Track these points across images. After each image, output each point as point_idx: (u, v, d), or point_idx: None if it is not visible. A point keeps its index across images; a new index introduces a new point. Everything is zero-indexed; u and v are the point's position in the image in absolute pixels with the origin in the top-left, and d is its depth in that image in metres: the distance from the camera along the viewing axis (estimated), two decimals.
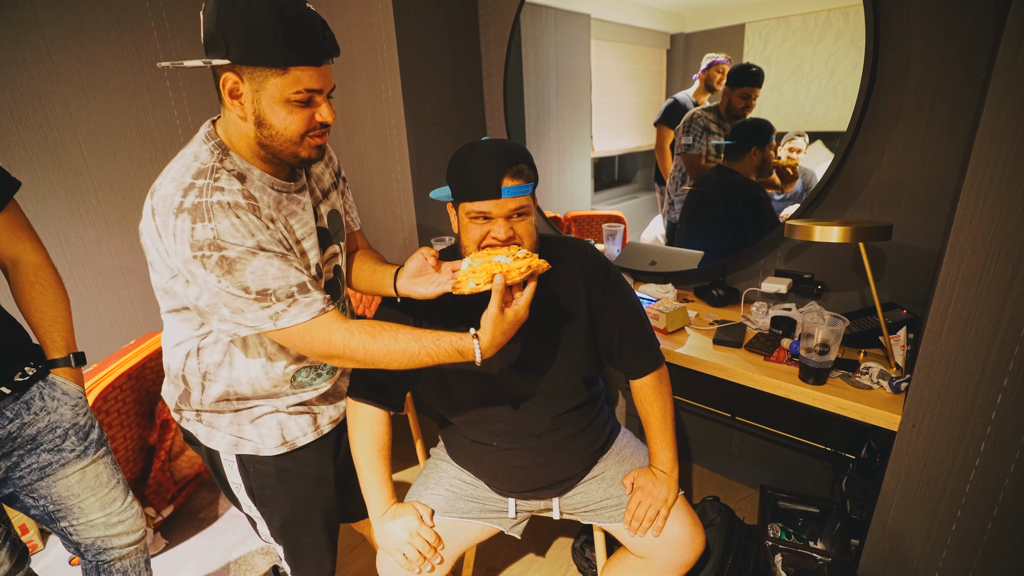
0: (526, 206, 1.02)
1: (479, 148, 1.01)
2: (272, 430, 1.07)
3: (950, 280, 0.98)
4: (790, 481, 1.84)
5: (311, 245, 0.98)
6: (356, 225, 1.20)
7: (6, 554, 1.09)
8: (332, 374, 1.12)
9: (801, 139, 1.54)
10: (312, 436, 1.12)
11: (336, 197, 1.09)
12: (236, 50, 0.77)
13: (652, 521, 1.14)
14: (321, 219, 1.02)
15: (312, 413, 1.12)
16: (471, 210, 1.01)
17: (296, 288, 0.86)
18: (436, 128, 2.10)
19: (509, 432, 1.16)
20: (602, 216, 2.14)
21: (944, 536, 1.12)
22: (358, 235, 1.22)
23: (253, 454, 1.08)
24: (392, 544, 1.12)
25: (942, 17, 1.22)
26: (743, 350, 1.42)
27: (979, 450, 1.02)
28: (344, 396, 1.17)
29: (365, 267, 1.18)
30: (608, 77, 1.97)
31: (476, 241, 1.02)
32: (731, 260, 1.73)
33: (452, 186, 1.05)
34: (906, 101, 1.31)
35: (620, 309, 1.16)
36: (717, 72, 1.67)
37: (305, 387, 1.08)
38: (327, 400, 1.15)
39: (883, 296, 1.48)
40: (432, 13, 1.97)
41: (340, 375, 1.16)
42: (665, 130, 1.84)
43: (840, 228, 1.19)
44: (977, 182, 0.91)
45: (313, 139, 0.88)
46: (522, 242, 1.03)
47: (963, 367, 1.00)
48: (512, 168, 0.98)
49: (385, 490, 1.16)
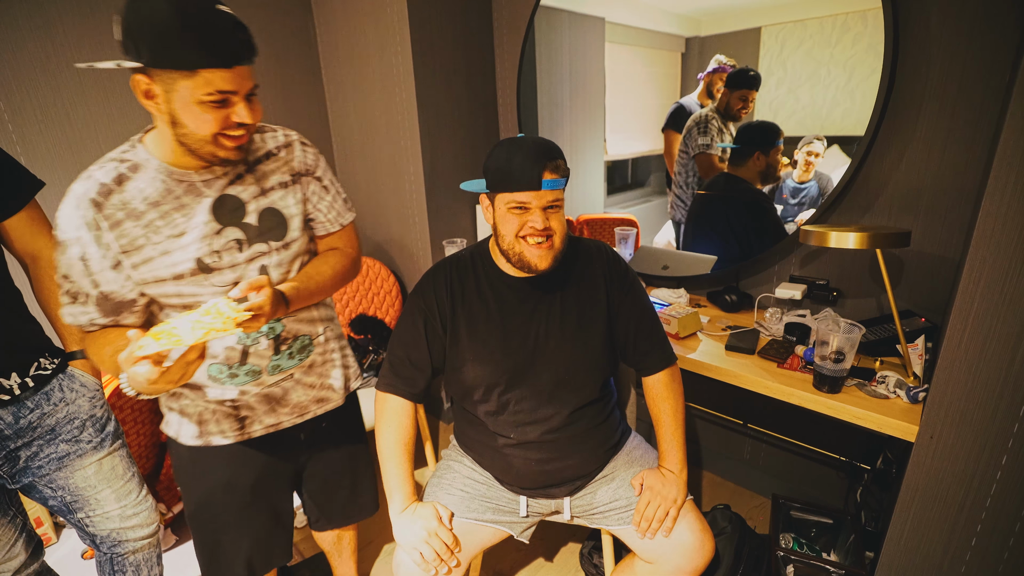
0: (561, 199, 1.09)
1: (520, 142, 1.07)
2: (189, 419, 1.07)
3: (971, 288, 0.95)
4: (803, 491, 1.81)
5: (195, 238, 0.93)
6: (334, 226, 1.14)
7: (22, 546, 1.11)
8: (253, 377, 1.06)
9: (819, 143, 1.52)
10: (232, 438, 1.09)
11: (282, 195, 1.03)
12: (145, 54, 0.78)
13: (661, 521, 1.14)
14: (245, 214, 0.98)
15: (239, 415, 1.08)
16: (511, 200, 1.07)
17: (77, 294, 0.92)
18: (449, 130, 2.10)
19: (527, 424, 1.18)
20: (615, 219, 2.13)
21: (963, 551, 1.09)
22: (335, 237, 1.16)
23: (174, 438, 1.10)
24: (410, 542, 1.12)
25: (963, 21, 1.20)
26: (756, 356, 1.40)
27: (1000, 463, 1.00)
28: (295, 406, 1.13)
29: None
30: (622, 80, 1.96)
31: (515, 231, 1.09)
32: (745, 265, 1.71)
33: (491, 177, 1.10)
34: (925, 106, 1.29)
35: (636, 306, 1.22)
36: (719, 79, 1.69)
37: (222, 383, 1.04)
38: (267, 403, 1.10)
39: (900, 304, 1.45)
40: (446, 16, 1.98)
41: (281, 381, 1.10)
42: (672, 135, 1.85)
43: (857, 234, 1.16)
44: (1000, 189, 0.89)
45: (229, 139, 0.88)
46: (554, 234, 1.09)
47: (984, 378, 0.98)
48: (552, 163, 1.05)
49: (406, 486, 1.17)
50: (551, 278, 1.18)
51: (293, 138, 1.06)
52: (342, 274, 1.13)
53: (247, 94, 0.87)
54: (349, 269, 1.16)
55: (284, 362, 1.08)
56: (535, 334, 1.16)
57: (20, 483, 1.09)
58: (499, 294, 1.17)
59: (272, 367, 1.07)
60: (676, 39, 1.76)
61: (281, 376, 1.09)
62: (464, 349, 1.17)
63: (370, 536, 1.84)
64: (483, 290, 1.18)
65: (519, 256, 1.10)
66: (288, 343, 1.08)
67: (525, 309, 1.17)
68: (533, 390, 1.17)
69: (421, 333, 1.18)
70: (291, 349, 1.09)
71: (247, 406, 1.09)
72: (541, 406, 1.17)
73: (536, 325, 1.16)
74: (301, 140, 1.07)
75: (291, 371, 1.10)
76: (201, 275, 0.95)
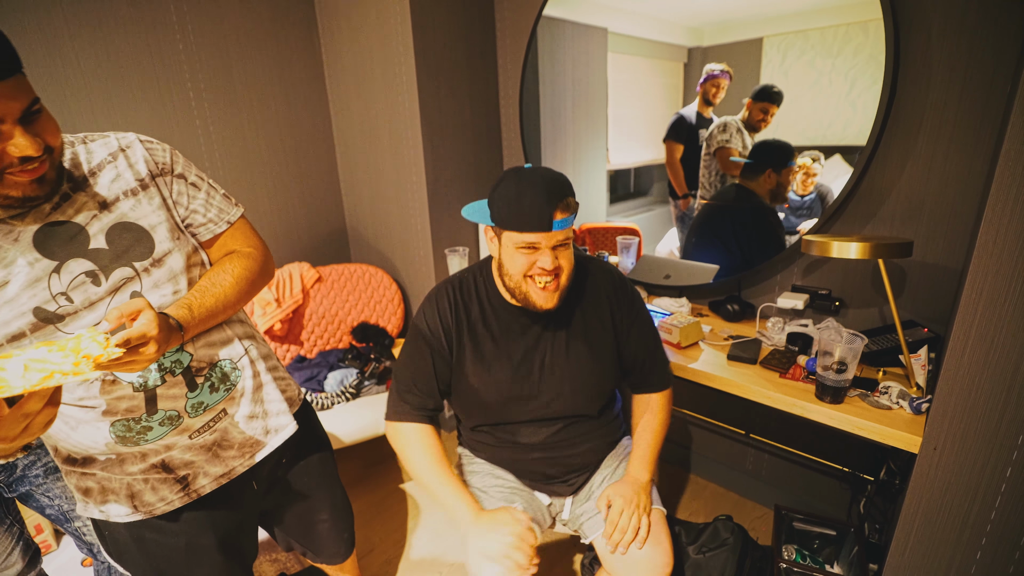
0: (571, 237, 1.07)
1: (528, 179, 1.02)
2: (116, 496, 0.90)
3: (973, 299, 0.95)
4: (806, 502, 1.80)
5: (21, 286, 0.74)
6: (219, 225, 0.97)
7: (19, 554, 1.11)
8: (173, 426, 0.88)
9: (817, 163, 1.53)
10: (179, 502, 0.93)
11: (133, 205, 0.85)
12: None
13: (636, 531, 1.12)
14: (89, 239, 0.80)
15: (176, 476, 0.92)
16: (520, 241, 1.03)
17: None
18: (452, 140, 2.11)
19: (530, 441, 1.20)
20: (617, 228, 2.13)
21: (968, 565, 1.08)
22: (228, 238, 0.98)
23: (101, 520, 0.93)
24: (500, 551, 1.02)
25: (964, 31, 1.20)
26: (758, 366, 1.40)
27: (1005, 476, 0.99)
28: (243, 446, 1.00)
29: None
30: (625, 90, 1.97)
31: (523, 271, 1.06)
32: (747, 275, 1.71)
33: (497, 212, 1.05)
34: (927, 116, 1.29)
35: (644, 334, 1.23)
36: (713, 87, 1.71)
37: (135, 443, 0.86)
38: (206, 452, 0.94)
39: (903, 314, 1.45)
40: (449, 25, 2.00)
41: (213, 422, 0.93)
42: (673, 145, 1.86)
43: (859, 244, 1.16)
44: (1002, 199, 0.88)
45: (16, 175, 0.69)
46: (562, 272, 1.07)
47: (988, 389, 0.97)
48: (562, 202, 1.02)
49: (465, 496, 1.11)
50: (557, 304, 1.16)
51: (130, 139, 0.88)
52: (249, 279, 0.96)
53: (23, 114, 0.67)
54: (256, 272, 0.98)
55: (207, 397, 0.92)
56: (540, 361, 1.16)
57: (17, 492, 1.08)
58: (503, 322, 1.16)
59: (193, 407, 0.90)
60: (679, 49, 1.77)
61: (210, 415, 0.93)
62: (469, 374, 1.16)
63: (372, 543, 1.83)
64: (487, 316, 1.17)
65: (524, 296, 1.09)
66: (204, 373, 0.91)
67: (530, 336, 1.17)
68: (538, 414, 1.19)
69: (428, 361, 1.16)
70: (211, 380, 0.92)
71: (182, 463, 0.92)
72: (545, 426, 1.20)
73: (542, 351, 1.16)
74: (141, 139, 0.89)
75: (220, 406, 0.95)
76: (49, 327, 0.77)
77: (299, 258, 2.38)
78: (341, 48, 2.20)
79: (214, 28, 1.98)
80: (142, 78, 1.85)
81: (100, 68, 1.75)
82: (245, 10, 2.05)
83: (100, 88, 1.77)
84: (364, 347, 2.18)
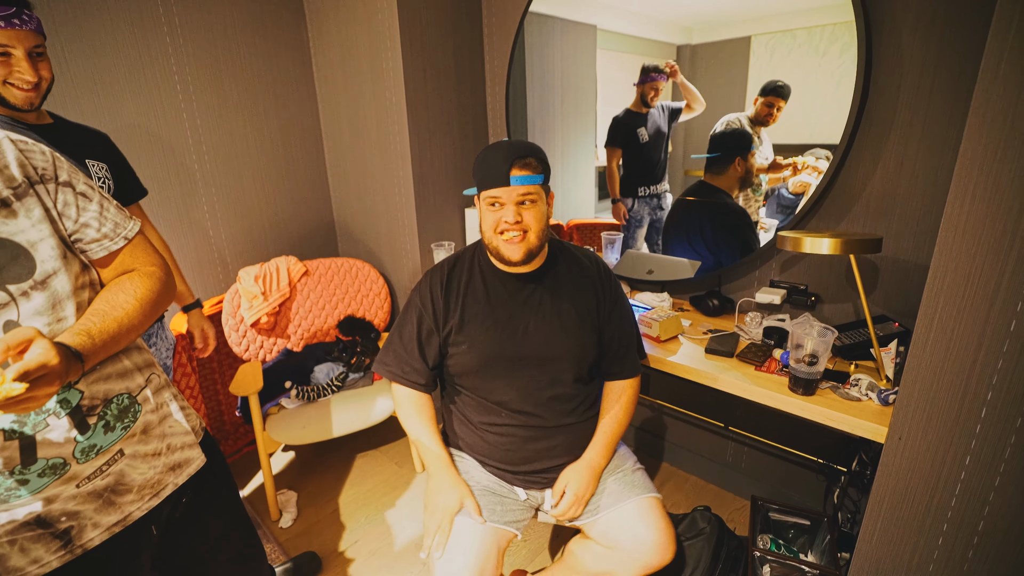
0: (533, 193, 1.15)
1: (498, 144, 1.18)
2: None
3: (934, 293, 0.98)
4: (784, 493, 1.84)
5: None
6: (116, 242, 0.84)
7: None
8: (56, 475, 0.75)
9: (813, 176, 1.54)
10: (57, 562, 0.77)
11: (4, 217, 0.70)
12: None
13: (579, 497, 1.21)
14: None
15: (56, 530, 0.77)
16: (487, 196, 1.17)
17: None
18: (439, 135, 2.13)
19: (515, 408, 1.25)
20: (604, 224, 2.15)
21: (931, 551, 1.11)
22: (126, 256, 0.86)
23: None
24: (439, 508, 1.18)
25: (933, 34, 1.23)
26: (735, 359, 1.43)
27: (964, 464, 1.02)
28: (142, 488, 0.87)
29: None
30: (614, 87, 1.99)
31: (492, 226, 1.17)
32: (727, 270, 1.74)
33: (475, 179, 1.21)
34: (899, 116, 1.32)
35: (623, 320, 1.33)
36: (651, 89, 1.79)
37: (8, 499, 0.73)
38: (96, 500, 0.80)
39: (876, 309, 1.48)
40: (436, 20, 2.01)
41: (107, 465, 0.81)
42: (610, 151, 1.96)
43: (830, 240, 1.19)
44: (960, 197, 0.91)
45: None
46: (528, 229, 1.16)
47: (948, 381, 1.00)
48: (520, 160, 1.13)
49: (442, 448, 1.26)
50: (542, 274, 1.26)
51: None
52: (152, 301, 0.84)
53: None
54: (160, 292, 0.87)
55: (100, 439, 0.79)
56: (525, 323, 1.24)
57: None
58: (491, 286, 1.26)
59: (83, 451, 0.77)
60: (667, 47, 1.79)
61: (103, 459, 0.80)
62: (458, 336, 1.24)
63: (357, 535, 1.85)
64: (476, 283, 1.26)
65: (496, 250, 1.19)
66: (98, 412, 0.79)
67: (516, 300, 1.25)
68: (522, 372, 1.24)
69: (414, 329, 1.27)
70: (105, 419, 0.80)
71: (65, 514, 0.77)
72: (529, 387, 1.24)
73: (527, 315, 1.24)
74: (13, 137, 0.74)
75: (116, 447, 0.82)
76: None
77: (286, 252, 2.38)
78: (329, 42, 2.21)
79: (201, 20, 1.99)
80: (128, 71, 1.85)
81: (85, 60, 1.75)
82: (232, 2, 2.05)
83: (86, 81, 1.77)
84: (350, 340, 2.19)
